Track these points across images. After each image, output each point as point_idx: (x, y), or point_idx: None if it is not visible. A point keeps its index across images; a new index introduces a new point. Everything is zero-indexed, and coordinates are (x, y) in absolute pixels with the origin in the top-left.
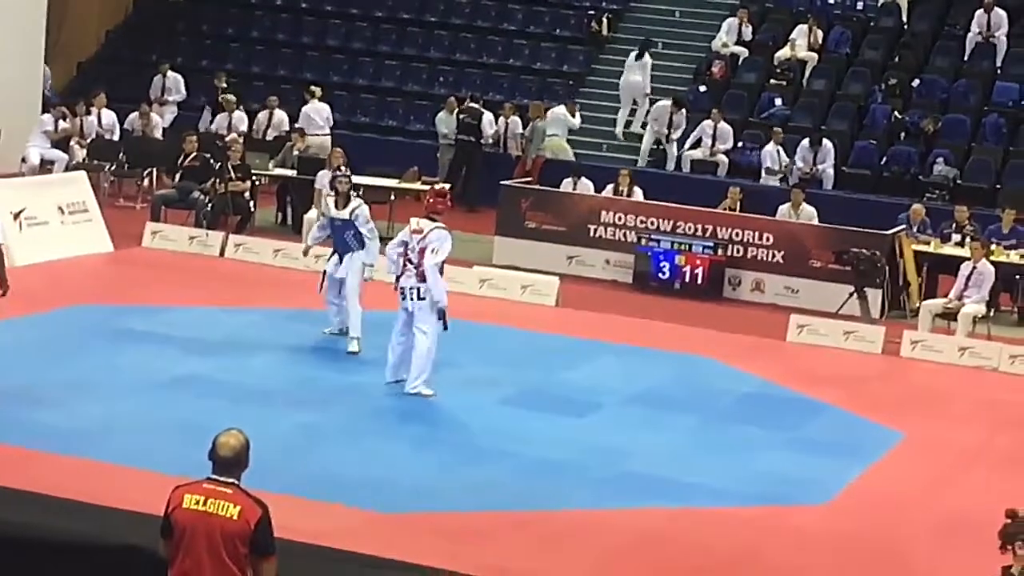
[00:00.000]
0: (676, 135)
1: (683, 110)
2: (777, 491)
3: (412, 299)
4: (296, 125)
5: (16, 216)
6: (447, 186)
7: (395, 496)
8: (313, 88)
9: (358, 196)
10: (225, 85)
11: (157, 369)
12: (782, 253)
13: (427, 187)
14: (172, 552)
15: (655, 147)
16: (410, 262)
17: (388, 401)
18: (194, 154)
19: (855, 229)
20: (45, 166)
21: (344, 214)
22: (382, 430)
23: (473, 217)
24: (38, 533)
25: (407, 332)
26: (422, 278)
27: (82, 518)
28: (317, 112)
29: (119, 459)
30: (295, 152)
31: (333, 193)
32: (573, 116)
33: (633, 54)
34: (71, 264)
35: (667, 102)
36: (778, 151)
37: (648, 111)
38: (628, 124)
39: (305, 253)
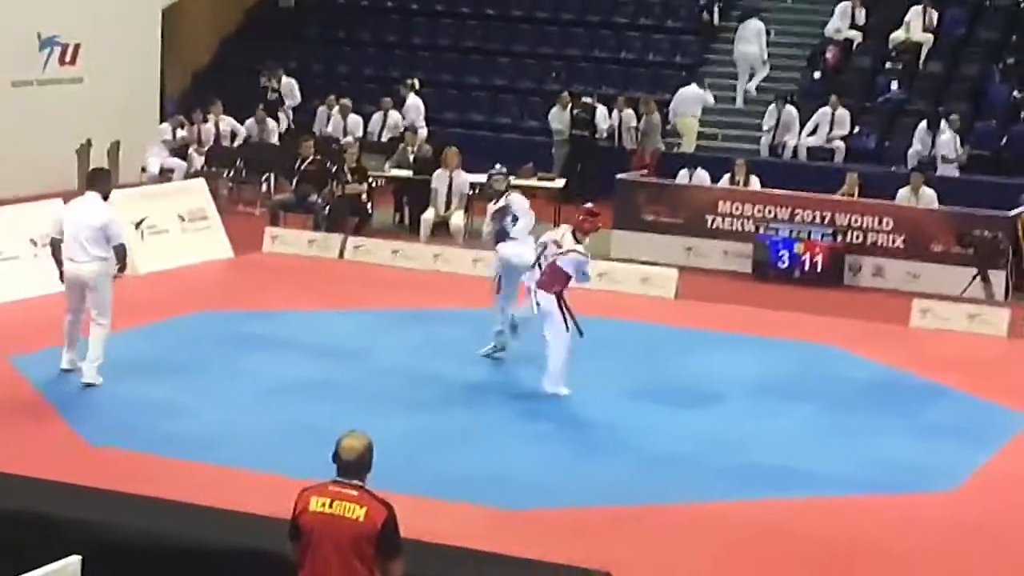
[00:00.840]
0: (792, 133)
1: (788, 106)
2: (902, 479)
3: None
4: (405, 122)
5: (137, 226)
6: (592, 207)
7: (518, 493)
8: (410, 81)
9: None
10: (274, 84)
11: (279, 373)
12: (903, 238)
13: (583, 210)
14: (301, 555)
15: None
16: (539, 267)
17: (509, 398)
18: (310, 158)
19: (976, 211)
20: (164, 175)
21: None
22: (504, 427)
23: None
24: (171, 540)
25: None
26: (544, 286)
27: (211, 524)
28: (416, 107)
29: (245, 464)
30: (410, 152)
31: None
32: (705, 91)
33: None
34: (192, 271)
35: (772, 106)
36: (956, 139)
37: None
38: (747, 94)
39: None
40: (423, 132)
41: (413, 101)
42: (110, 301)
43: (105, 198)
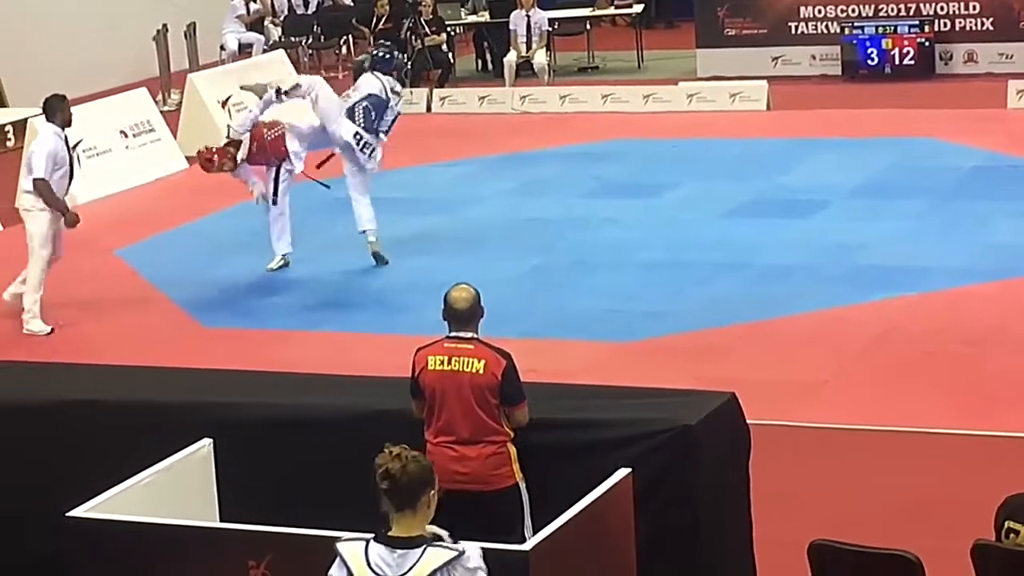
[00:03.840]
0: None
1: None
2: (1018, 263)
3: None
4: None
5: (224, 104)
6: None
7: (634, 324)
8: None
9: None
10: None
11: (381, 233)
12: (991, 19)
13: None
14: (426, 413)
15: None
16: None
17: (613, 232)
18: (386, 16)
19: None
20: (244, 51)
21: None
22: (610, 261)
23: (671, 34)
24: (295, 412)
25: None
26: None
27: (332, 390)
28: None
29: (358, 327)
30: None
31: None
32: None
33: None
34: None
35: None
36: None
37: None
38: None
39: None
40: None
41: None
42: (39, 236)
43: (64, 126)
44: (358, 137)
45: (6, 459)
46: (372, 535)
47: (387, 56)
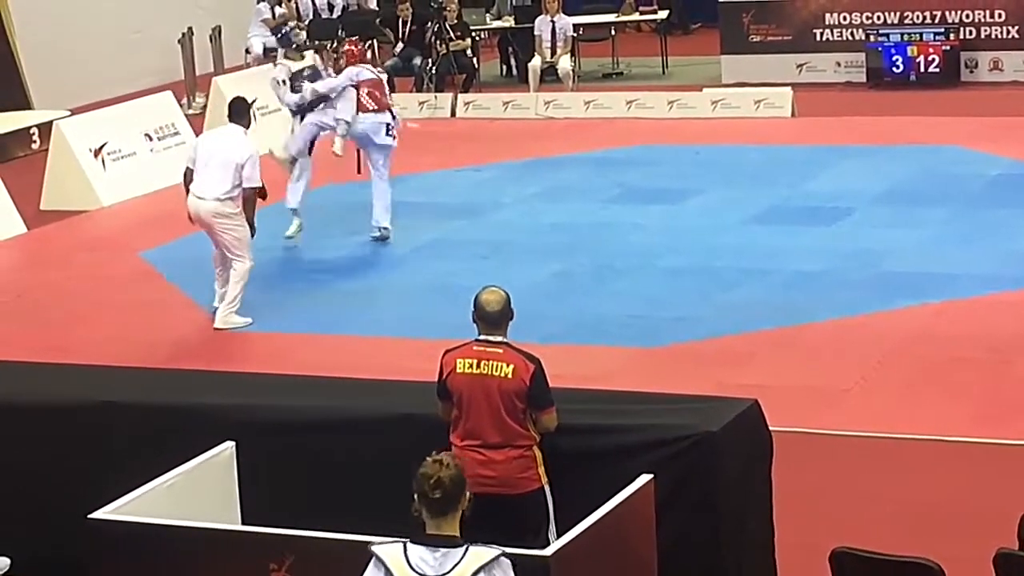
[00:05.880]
0: None
1: None
2: None
3: None
4: None
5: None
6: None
7: (656, 330)
8: None
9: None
10: None
11: (406, 237)
12: (1017, 28)
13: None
14: (453, 416)
15: None
16: None
17: (638, 237)
18: (410, 20)
19: None
20: (269, 54)
21: None
22: (635, 267)
23: (692, 39)
24: (318, 414)
25: None
26: None
27: (356, 393)
28: None
29: (383, 331)
30: (510, 0)
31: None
32: None
33: None
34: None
35: None
36: None
37: None
38: None
39: None
40: None
41: None
42: (247, 242)
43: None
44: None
45: (29, 461)
46: (407, 539)
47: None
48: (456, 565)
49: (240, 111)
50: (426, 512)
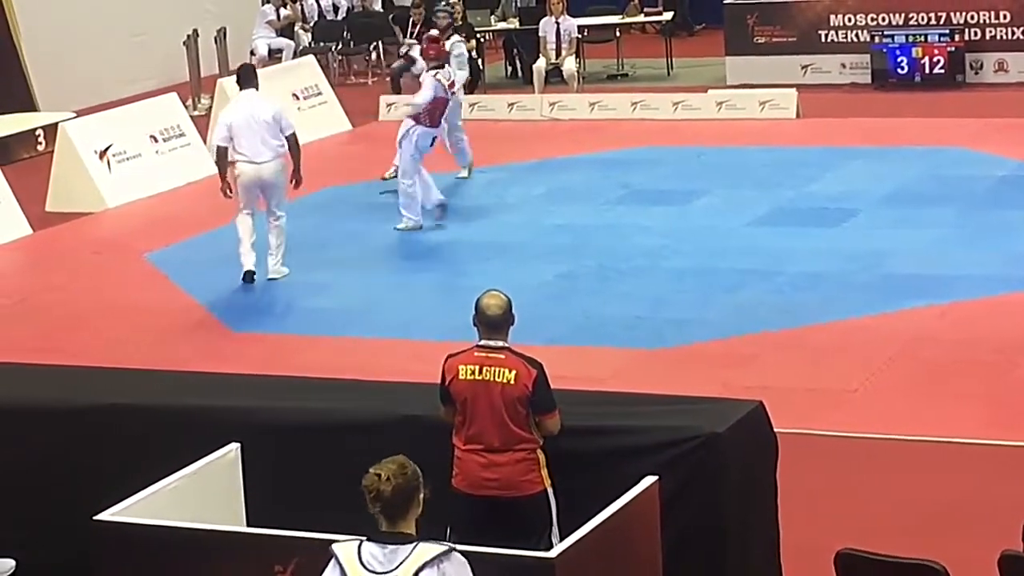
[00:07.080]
0: None
1: None
2: None
3: None
4: None
5: None
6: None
7: (660, 332)
8: None
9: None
10: None
11: (410, 239)
12: (1022, 29)
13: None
14: (456, 420)
15: None
16: None
17: (642, 239)
18: (421, 21)
19: None
20: (274, 56)
21: None
22: (640, 269)
23: (696, 41)
24: (322, 417)
25: None
26: None
27: (360, 395)
28: None
29: (387, 333)
30: (515, 2)
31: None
32: None
33: None
34: (313, 148)
35: None
36: None
37: None
38: None
39: None
40: None
41: None
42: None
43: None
44: None
45: (34, 462)
46: (366, 536)
47: None
48: (403, 561)
49: (249, 76)
50: (377, 515)
